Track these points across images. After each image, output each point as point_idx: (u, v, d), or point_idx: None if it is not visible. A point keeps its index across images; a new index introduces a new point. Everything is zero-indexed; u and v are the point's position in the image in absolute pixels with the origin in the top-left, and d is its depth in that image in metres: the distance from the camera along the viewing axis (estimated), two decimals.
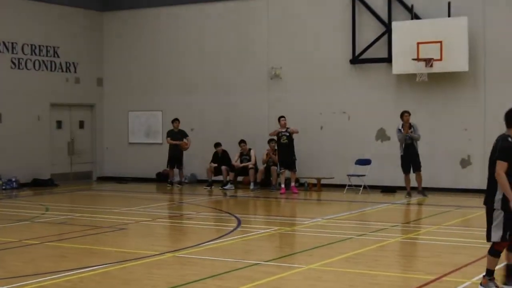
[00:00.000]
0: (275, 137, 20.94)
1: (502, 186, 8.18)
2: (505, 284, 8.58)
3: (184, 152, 22.72)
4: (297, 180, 21.29)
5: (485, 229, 8.41)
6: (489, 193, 8.36)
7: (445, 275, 9.31)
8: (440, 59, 19.63)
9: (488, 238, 8.42)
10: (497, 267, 8.49)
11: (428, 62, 19.72)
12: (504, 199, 8.18)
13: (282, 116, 20.91)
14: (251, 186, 21.51)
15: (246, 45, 23.21)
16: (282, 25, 22.60)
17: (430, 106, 20.30)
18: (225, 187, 21.63)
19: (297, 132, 20.71)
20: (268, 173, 21.69)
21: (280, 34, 22.62)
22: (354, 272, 9.76)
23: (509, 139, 8.28)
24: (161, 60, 24.72)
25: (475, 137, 19.62)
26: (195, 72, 24.05)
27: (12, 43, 22.85)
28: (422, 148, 19.08)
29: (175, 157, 22.65)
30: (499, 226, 8.26)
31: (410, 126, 18.91)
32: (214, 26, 23.74)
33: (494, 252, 8.40)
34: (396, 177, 19.66)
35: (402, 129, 18.90)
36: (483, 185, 20.96)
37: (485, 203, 8.51)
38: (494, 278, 8.43)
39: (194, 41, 24.10)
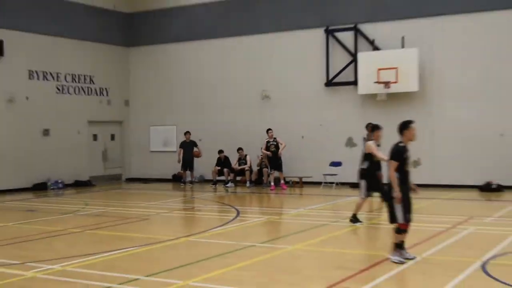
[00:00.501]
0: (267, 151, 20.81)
1: (392, 181, 8.51)
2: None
3: (195, 158, 22.76)
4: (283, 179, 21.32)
5: (430, 215, 8.59)
6: (389, 187, 8.63)
7: None
8: (396, 82, 19.72)
9: (393, 220, 8.61)
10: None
11: (386, 84, 19.81)
12: (402, 190, 8.50)
13: (270, 129, 20.93)
14: (247, 184, 21.58)
15: (243, 73, 23.26)
16: (271, 57, 22.65)
17: (388, 120, 20.23)
18: (227, 185, 21.66)
19: (284, 146, 20.72)
20: (261, 173, 21.77)
21: (270, 64, 22.68)
22: (330, 252, 9.83)
23: (401, 144, 8.62)
24: (175, 85, 24.75)
25: (425, 144, 19.64)
26: (203, 95, 24.08)
27: (57, 73, 22.89)
28: (383, 152, 19.06)
29: (187, 162, 22.69)
30: (400, 210, 8.52)
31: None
32: (218, 58, 23.78)
33: (400, 231, 8.65)
34: None
35: (366, 137, 18.97)
36: (430, 181, 20.82)
37: (384, 194, 8.86)
38: (404, 248, 8.62)
39: (202, 70, 24.11)
